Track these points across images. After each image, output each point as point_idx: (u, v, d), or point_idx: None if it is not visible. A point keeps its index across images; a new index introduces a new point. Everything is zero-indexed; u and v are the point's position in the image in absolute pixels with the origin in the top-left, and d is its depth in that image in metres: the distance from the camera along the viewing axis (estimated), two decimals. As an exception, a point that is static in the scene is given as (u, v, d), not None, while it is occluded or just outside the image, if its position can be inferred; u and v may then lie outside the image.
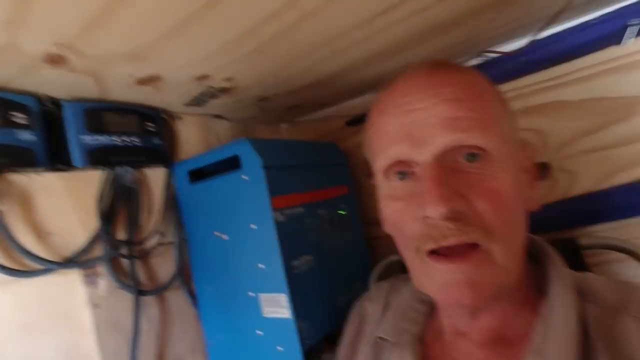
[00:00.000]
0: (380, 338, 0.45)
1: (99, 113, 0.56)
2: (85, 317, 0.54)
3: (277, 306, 0.56)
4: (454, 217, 0.32)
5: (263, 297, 0.57)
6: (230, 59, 0.52)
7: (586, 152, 0.66)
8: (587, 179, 0.66)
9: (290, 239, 0.58)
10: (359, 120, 0.88)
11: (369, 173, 0.91)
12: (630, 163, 0.63)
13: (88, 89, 0.53)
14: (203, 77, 0.57)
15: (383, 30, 0.53)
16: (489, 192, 0.33)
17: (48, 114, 0.52)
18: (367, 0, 0.45)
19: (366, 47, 0.58)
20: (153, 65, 0.49)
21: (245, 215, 0.58)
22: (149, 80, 0.54)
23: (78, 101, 0.54)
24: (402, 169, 0.36)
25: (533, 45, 0.65)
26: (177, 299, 0.66)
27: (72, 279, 0.54)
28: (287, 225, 0.58)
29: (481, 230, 0.32)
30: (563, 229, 0.64)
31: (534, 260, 0.40)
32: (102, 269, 0.56)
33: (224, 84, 0.61)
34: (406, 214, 0.35)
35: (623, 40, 0.62)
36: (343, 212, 0.74)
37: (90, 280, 0.55)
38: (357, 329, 0.51)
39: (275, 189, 0.57)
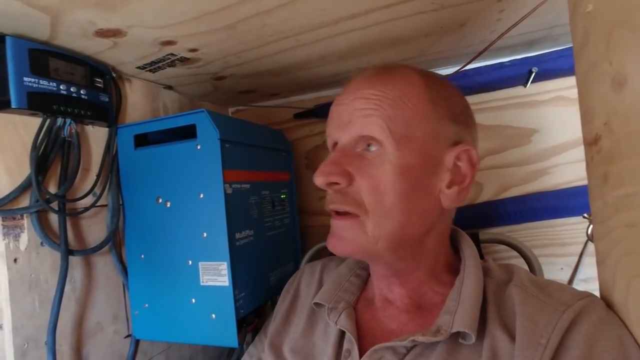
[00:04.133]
0: (317, 304, 0.49)
1: (45, 56, 0.52)
2: (0, 270, 0.50)
3: (217, 274, 0.57)
4: (337, 190, 0.42)
5: (202, 265, 0.58)
6: (201, 30, 0.53)
7: (490, 168, 0.80)
8: (489, 189, 0.81)
9: (236, 212, 0.60)
10: (306, 115, 0.93)
11: (308, 165, 0.98)
12: (521, 180, 0.79)
13: (38, 29, 0.50)
14: (168, 43, 0.57)
15: (346, 33, 0.60)
16: (370, 177, 0.41)
17: (-16, 45, 0.48)
18: (339, 3, 0.50)
19: (327, 46, 0.64)
20: (121, 19, 0.49)
21: (194, 184, 0.59)
22: (110, 34, 0.53)
23: (23, 39, 0.50)
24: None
25: (460, 73, 0.77)
26: (105, 264, 0.63)
27: (-11, 228, 0.49)
28: (234, 198, 0.60)
29: (355, 205, 0.41)
30: (471, 227, 0.77)
31: (455, 249, 0.49)
32: (26, 221, 0.52)
33: (187, 54, 0.62)
34: None
35: (528, 83, 0.78)
36: (284, 197, 0.78)
37: (10, 231, 0.51)
38: (290, 304, 0.55)
39: (227, 162, 0.59)
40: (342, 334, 0.45)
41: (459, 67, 0.73)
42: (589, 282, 0.77)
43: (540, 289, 0.39)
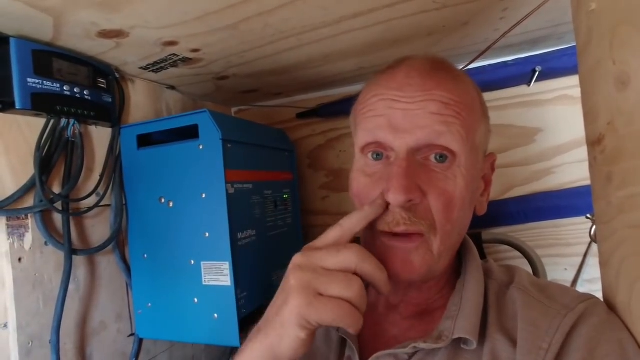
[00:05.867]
0: None
1: (49, 57, 0.53)
2: (4, 270, 0.50)
3: (219, 274, 0.58)
4: (408, 208, 0.37)
5: (205, 265, 0.58)
6: (203, 30, 0.54)
7: (494, 168, 0.80)
8: (492, 189, 0.79)
9: (238, 212, 0.60)
10: (309, 114, 0.93)
11: (311, 164, 0.97)
12: (525, 180, 0.78)
13: (42, 29, 0.50)
14: (170, 43, 0.57)
15: (348, 32, 0.59)
16: (444, 193, 0.37)
17: (-12, 47, 0.48)
18: (341, 3, 0.50)
19: (329, 45, 0.64)
20: (123, 19, 0.49)
21: (197, 184, 0.59)
22: (113, 35, 0.53)
23: (27, 40, 0.51)
24: (379, 150, 0.40)
25: (464, 73, 0.76)
26: (108, 263, 0.63)
27: (-6, 228, 0.49)
28: (237, 198, 0.60)
29: (427, 224, 0.37)
30: (474, 227, 0.77)
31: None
32: (30, 221, 0.53)
33: (189, 55, 0.62)
34: (370, 192, 0.39)
35: (532, 82, 0.77)
36: (286, 196, 0.78)
37: (15, 231, 0.51)
38: None
39: (229, 162, 0.59)
40: (343, 340, 0.44)
41: (462, 66, 0.73)
42: (593, 282, 0.77)
43: (542, 292, 0.39)
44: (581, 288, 0.77)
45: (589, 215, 0.70)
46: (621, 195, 0.33)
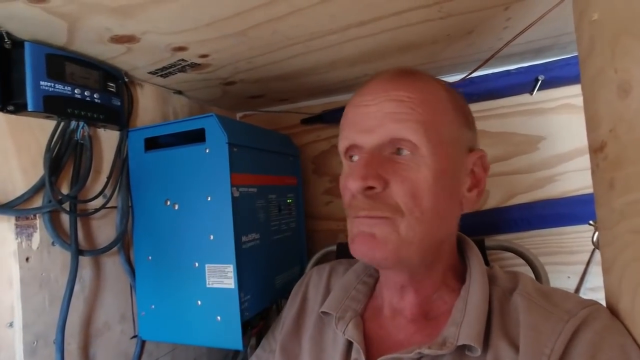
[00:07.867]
0: (324, 313, 0.49)
1: (61, 61, 0.54)
2: (12, 269, 0.51)
3: (223, 277, 0.58)
4: (370, 196, 0.40)
5: (209, 267, 0.59)
6: (213, 36, 0.55)
7: (497, 175, 0.80)
8: (495, 196, 0.80)
9: (243, 215, 0.61)
10: (314, 120, 0.94)
11: (315, 170, 0.98)
12: (528, 187, 0.79)
13: (56, 34, 0.51)
14: (180, 49, 0.58)
15: (354, 39, 0.60)
16: (407, 180, 0.40)
17: (3, 51, 0.49)
18: (348, 11, 0.51)
19: (336, 52, 0.65)
20: (136, 25, 0.50)
21: (202, 187, 0.60)
22: (125, 40, 0.54)
23: (41, 44, 0.52)
24: (354, 153, 0.44)
25: (467, 80, 0.77)
26: (114, 264, 0.64)
27: (3, 227, 0.50)
28: (241, 201, 0.61)
29: (390, 209, 0.40)
30: (477, 234, 0.77)
31: (461, 255, 0.49)
32: (38, 221, 0.53)
33: (198, 60, 0.63)
34: (344, 188, 0.44)
35: (534, 91, 0.78)
36: (290, 201, 0.79)
37: (23, 231, 0.52)
38: (300, 308, 0.55)
39: (235, 166, 0.60)
40: (349, 343, 0.45)
41: (466, 74, 0.74)
42: (596, 291, 0.77)
43: (545, 298, 0.39)
44: (584, 296, 0.77)
45: (591, 222, 0.70)
46: (623, 201, 0.33)
